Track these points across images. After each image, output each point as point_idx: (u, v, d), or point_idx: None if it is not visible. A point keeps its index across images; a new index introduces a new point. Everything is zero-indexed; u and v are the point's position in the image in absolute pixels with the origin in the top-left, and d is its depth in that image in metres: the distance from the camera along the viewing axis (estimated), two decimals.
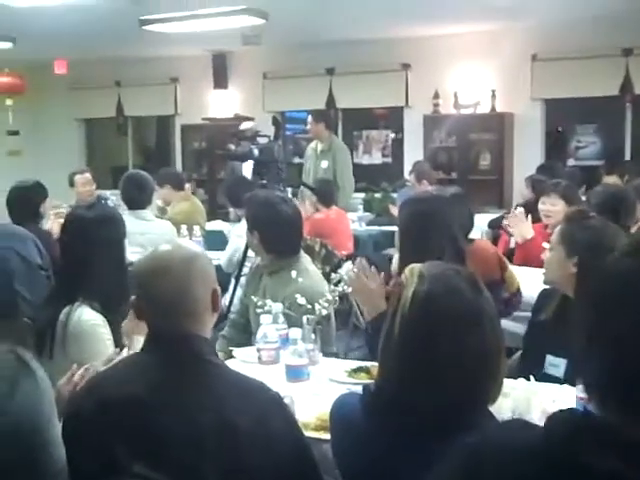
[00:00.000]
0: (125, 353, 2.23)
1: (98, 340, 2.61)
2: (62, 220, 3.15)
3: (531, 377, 2.38)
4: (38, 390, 1.81)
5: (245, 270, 4.40)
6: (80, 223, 2.77)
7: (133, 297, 1.89)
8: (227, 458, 1.65)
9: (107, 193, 7.35)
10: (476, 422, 1.53)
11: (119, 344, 2.60)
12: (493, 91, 8.62)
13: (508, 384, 2.03)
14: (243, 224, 5.40)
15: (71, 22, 7.61)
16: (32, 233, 4.42)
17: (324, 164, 7.58)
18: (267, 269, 3.44)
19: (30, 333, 2.59)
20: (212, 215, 7.54)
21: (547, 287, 2.86)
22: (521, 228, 4.46)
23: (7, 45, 8.09)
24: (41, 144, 11.63)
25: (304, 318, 2.88)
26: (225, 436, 1.66)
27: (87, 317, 2.60)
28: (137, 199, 4.95)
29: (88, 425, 1.75)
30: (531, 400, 2.15)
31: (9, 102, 9.85)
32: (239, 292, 4.34)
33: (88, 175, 6.54)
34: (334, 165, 7.54)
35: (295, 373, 2.69)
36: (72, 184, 6.81)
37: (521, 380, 2.36)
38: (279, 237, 3.36)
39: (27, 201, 4.81)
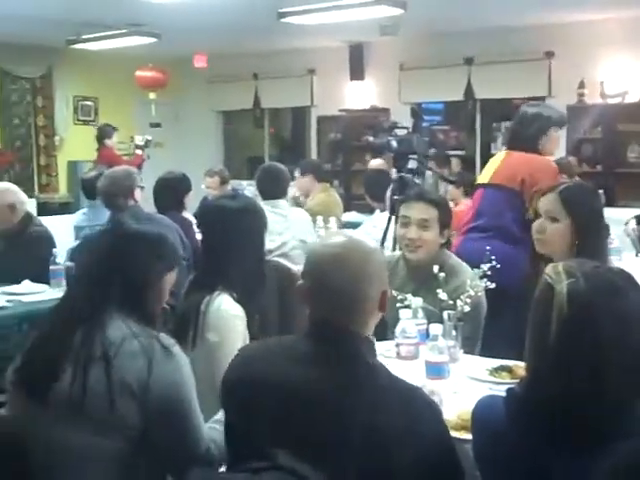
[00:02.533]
0: None
1: (235, 330, 2.60)
2: None
3: None
4: (177, 373, 1.95)
5: None
6: (223, 213, 2.77)
7: (300, 282, 1.83)
8: (374, 461, 1.61)
9: (244, 183, 7.47)
10: (636, 429, 1.47)
11: (255, 336, 2.62)
12: None
13: None
14: (377, 216, 5.39)
15: (212, 17, 7.79)
16: (175, 222, 4.55)
17: None
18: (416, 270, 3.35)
19: (170, 320, 2.62)
20: (347, 206, 7.52)
21: None
22: None
23: (152, 41, 8.36)
24: (181, 136, 11.99)
25: (445, 314, 2.79)
26: (374, 439, 1.61)
27: (226, 306, 2.60)
28: (272, 190, 4.99)
29: (239, 405, 1.76)
30: None
31: (152, 96, 10.18)
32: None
33: (217, 179, 6.61)
34: None
35: (435, 370, 2.61)
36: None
37: None
38: None
39: (172, 192, 5.02)
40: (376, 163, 6.86)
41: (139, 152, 8.73)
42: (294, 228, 4.95)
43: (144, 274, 2.09)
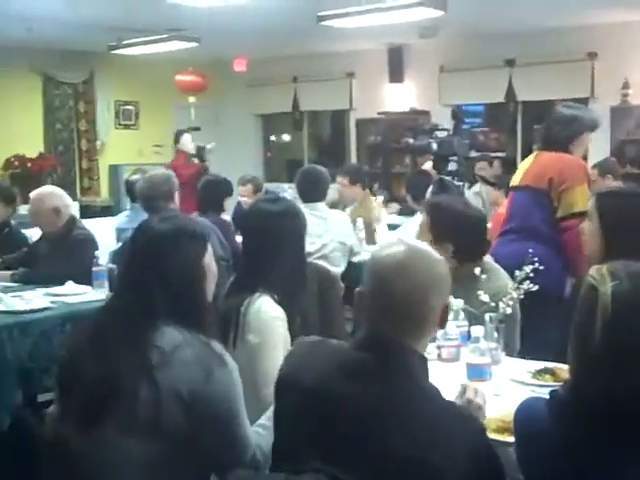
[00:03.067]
0: None
1: (275, 332, 2.59)
2: None
3: None
4: (229, 376, 1.96)
5: None
6: (264, 216, 2.77)
7: (358, 289, 1.82)
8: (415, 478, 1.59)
9: (285, 186, 7.47)
10: None
11: (296, 338, 2.60)
12: None
13: None
14: (418, 217, 5.36)
15: (251, 21, 7.82)
16: (215, 224, 4.59)
17: None
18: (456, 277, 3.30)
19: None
20: (386, 209, 7.49)
21: None
22: None
23: (192, 45, 8.42)
24: (221, 140, 12.03)
25: (486, 316, 2.76)
26: (413, 468, 1.59)
27: (267, 308, 2.60)
28: (311, 193, 5.00)
29: (288, 409, 1.77)
30: None
31: (192, 99, 10.25)
32: None
33: (250, 187, 6.61)
34: None
35: (477, 372, 2.58)
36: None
37: None
38: (468, 245, 3.18)
39: (214, 194, 5.06)
40: (428, 165, 6.79)
41: (195, 161, 8.58)
42: (333, 230, 4.96)
43: (182, 268, 2.04)
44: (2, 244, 4.85)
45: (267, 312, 2.59)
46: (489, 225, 3.76)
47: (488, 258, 3.30)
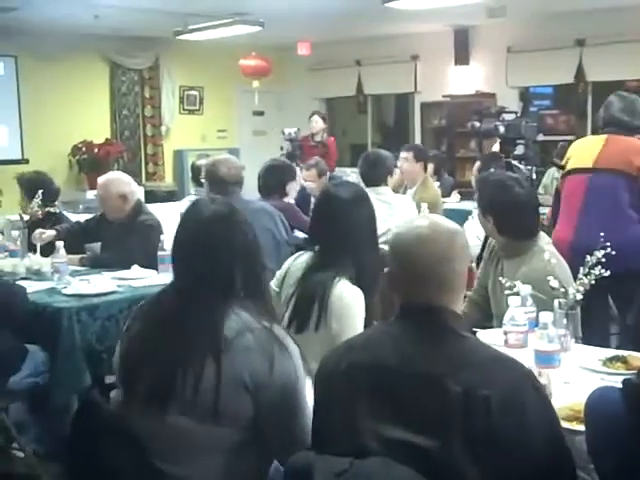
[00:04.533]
0: None
1: (357, 315, 2.64)
2: None
3: None
4: (291, 362, 1.98)
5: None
6: (335, 200, 2.83)
7: (385, 270, 1.86)
8: (476, 429, 1.60)
9: (347, 171, 7.45)
10: None
11: (369, 323, 2.64)
12: None
13: None
14: None
15: (315, 4, 7.79)
16: (277, 208, 4.59)
17: None
18: (502, 252, 3.31)
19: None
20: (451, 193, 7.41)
21: None
22: None
23: (256, 29, 8.43)
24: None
25: (556, 302, 2.70)
26: (475, 408, 1.61)
27: (349, 292, 2.64)
28: (374, 176, 4.96)
29: (337, 387, 1.78)
30: None
31: (255, 84, 10.29)
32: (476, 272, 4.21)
33: (314, 171, 6.58)
34: None
35: (545, 359, 2.52)
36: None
37: None
38: (514, 221, 3.23)
39: (277, 178, 5.07)
40: (495, 149, 6.66)
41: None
42: (398, 215, 4.90)
43: (252, 250, 2.08)
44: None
45: (350, 296, 2.64)
46: None
47: (544, 241, 3.26)
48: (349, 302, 2.64)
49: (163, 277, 4.03)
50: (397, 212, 4.91)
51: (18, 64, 9.47)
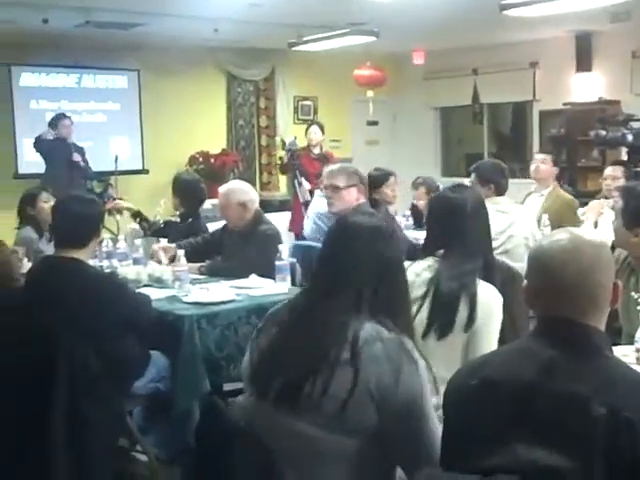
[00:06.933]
0: None
1: (499, 317, 2.59)
2: None
3: None
4: (417, 374, 1.96)
5: None
6: (453, 206, 2.80)
7: (524, 284, 1.80)
8: (620, 454, 1.53)
9: (466, 181, 7.29)
10: None
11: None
12: None
13: None
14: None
15: (431, 12, 7.71)
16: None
17: None
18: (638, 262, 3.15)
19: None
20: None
21: None
22: None
23: (371, 39, 8.42)
24: (397, 133, 12.03)
25: None
26: (619, 431, 1.54)
27: (494, 295, 2.61)
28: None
29: (468, 402, 1.74)
30: None
31: (370, 94, 10.27)
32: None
33: (423, 190, 6.44)
34: None
35: None
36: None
37: None
38: None
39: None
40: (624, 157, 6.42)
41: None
42: (517, 226, 4.78)
43: (375, 268, 2.06)
44: (184, 233, 5.02)
45: (496, 299, 2.61)
46: None
47: None
48: (496, 305, 2.60)
49: (280, 286, 4.05)
50: (516, 222, 4.78)
51: (140, 78, 9.79)
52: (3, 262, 3.52)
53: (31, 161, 8.68)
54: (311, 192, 7.12)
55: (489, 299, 2.59)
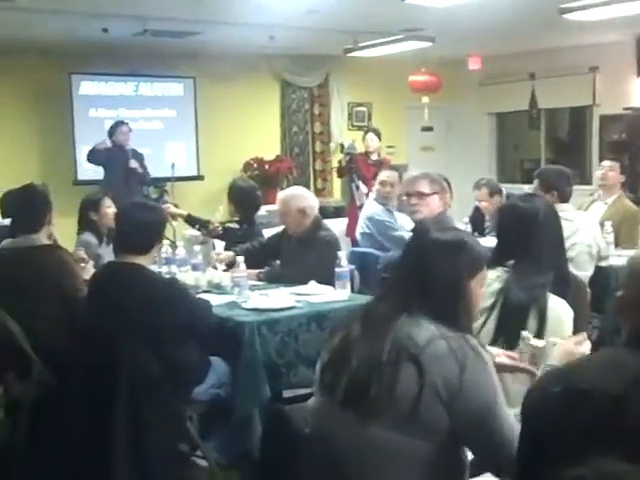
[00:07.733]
0: None
1: (570, 329, 2.54)
2: None
3: None
4: (487, 375, 1.96)
5: None
6: (518, 213, 2.79)
7: (618, 294, 1.76)
8: None
9: (525, 188, 7.19)
10: None
11: None
12: None
13: None
14: None
15: (487, 17, 7.62)
16: None
17: None
18: None
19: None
20: None
21: None
22: None
23: (426, 45, 8.36)
24: (452, 139, 11.92)
25: None
26: None
27: (565, 309, 2.57)
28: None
29: (548, 408, 1.69)
30: None
31: (425, 100, 10.20)
32: None
33: (485, 191, 6.38)
34: None
35: None
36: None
37: None
38: None
39: None
40: None
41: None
42: (581, 233, 4.70)
43: (444, 278, 2.07)
44: (241, 239, 5.03)
45: (566, 309, 2.57)
46: None
47: None
48: (566, 315, 2.56)
49: (340, 293, 4.02)
50: (580, 229, 4.70)
51: (196, 85, 9.88)
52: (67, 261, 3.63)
53: (90, 168, 8.80)
54: (367, 196, 7.15)
55: (560, 314, 2.56)
